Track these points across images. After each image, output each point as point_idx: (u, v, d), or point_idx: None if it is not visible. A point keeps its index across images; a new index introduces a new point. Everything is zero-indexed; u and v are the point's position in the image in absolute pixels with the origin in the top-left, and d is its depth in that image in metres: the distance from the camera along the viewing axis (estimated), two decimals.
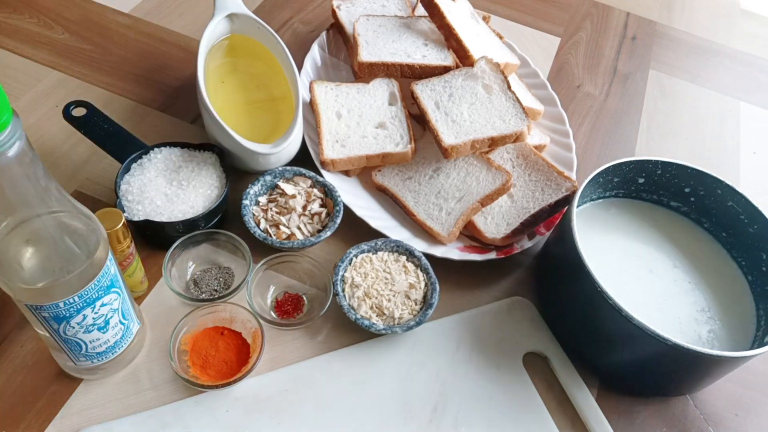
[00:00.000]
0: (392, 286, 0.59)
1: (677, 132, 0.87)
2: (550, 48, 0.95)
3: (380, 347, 0.57)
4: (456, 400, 0.55)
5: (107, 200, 0.65)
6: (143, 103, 0.76)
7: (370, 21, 0.77)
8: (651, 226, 0.66)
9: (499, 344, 0.59)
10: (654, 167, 0.63)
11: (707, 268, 0.63)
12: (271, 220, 0.62)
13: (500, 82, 0.70)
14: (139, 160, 0.62)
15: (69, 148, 0.69)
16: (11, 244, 0.38)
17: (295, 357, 0.56)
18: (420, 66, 0.72)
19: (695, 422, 0.58)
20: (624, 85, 0.92)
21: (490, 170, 0.66)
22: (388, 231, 0.63)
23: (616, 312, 0.50)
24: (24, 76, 0.76)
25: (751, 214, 0.60)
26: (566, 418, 0.56)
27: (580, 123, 0.84)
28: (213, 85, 0.69)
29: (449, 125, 0.66)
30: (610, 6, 1.05)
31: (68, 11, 0.85)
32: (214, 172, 0.62)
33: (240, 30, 0.73)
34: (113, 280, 0.45)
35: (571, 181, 0.66)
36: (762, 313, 0.59)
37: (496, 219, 0.66)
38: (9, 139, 0.33)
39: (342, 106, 0.70)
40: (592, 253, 0.53)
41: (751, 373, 0.61)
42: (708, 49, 1.01)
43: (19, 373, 0.53)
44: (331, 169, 0.67)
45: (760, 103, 0.93)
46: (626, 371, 0.57)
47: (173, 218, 0.58)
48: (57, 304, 0.41)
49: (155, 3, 0.89)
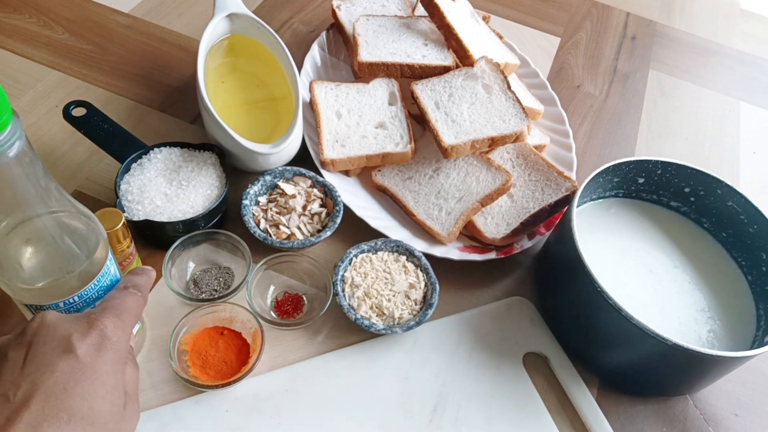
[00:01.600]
0: (392, 286, 0.59)
1: (677, 132, 0.87)
2: (550, 48, 0.95)
3: (380, 347, 0.57)
4: (456, 400, 0.55)
5: (107, 200, 0.65)
6: (143, 103, 0.76)
7: (370, 21, 0.77)
8: (651, 226, 0.66)
9: (499, 344, 0.59)
10: (654, 167, 0.63)
11: (707, 268, 0.63)
12: (271, 220, 0.62)
13: (500, 82, 0.70)
14: (139, 160, 0.62)
15: (69, 148, 0.69)
16: (11, 244, 0.38)
17: (295, 357, 0.56)
18: (420, 66, 0.72)
19: (695, 422, 0.58)
20: (624, 85, 0.92)
21: (490, 170, 0.66)
22: (388, 231, 0.63)
23: (616, 312, 0.50)
24: (24, 76, 0.76)
25: (751, 214, 0.60)
26: (566, 418, 0.56)
27: (580, 123, 0.85)
28: (213, 85, 0.69)
29: (449, 125, 0.66)
30: (610, 6, 1.05)
31: (68, 11, 0.85)
32: (214, 172, 0.62)
33: (240, 30, 0.73)
34: (113, 280, 0.45)
35: (571, 181, 0.66)
36: (762, 313, 0.59)
37: (496, 219, 0.66)
38: (9, 139, 0.33)
39: (342, 106, 0.70)
40: (592, 253, 0.53)
41: (751, 373, 0.61)
42: (708, 49, 1.01)
43: None
44: (331, 169, 0.67)
45: (760, 103, 0.93)
46: (626, 371, 0.57)
47: (173, 218, 0.58)
48: (57, 304, 0.41)
49: (155, 3, 0.89)
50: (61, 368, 0.32)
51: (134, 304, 0.38)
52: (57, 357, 0.32)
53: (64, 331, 0.34)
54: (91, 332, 0.34)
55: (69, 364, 0.32)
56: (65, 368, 0.32)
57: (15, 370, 0.32)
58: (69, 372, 0.32)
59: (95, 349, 0.34)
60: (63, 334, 0.34)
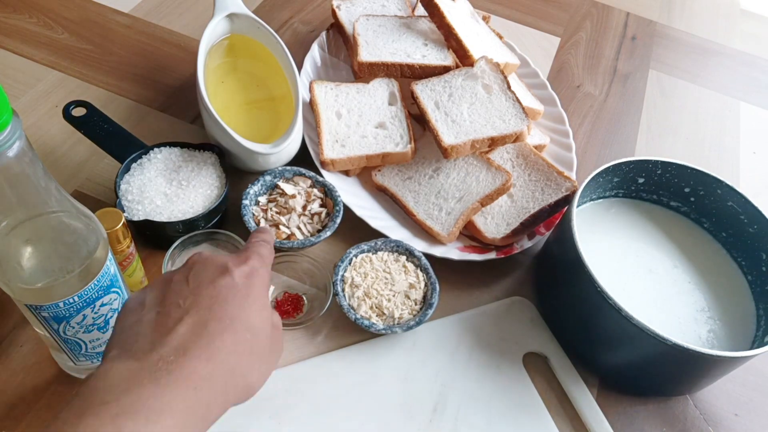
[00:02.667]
0: (392, 286, 0.59)
1: (677, 132, 0.87)
2: (550, 48, 0.95)
3: (380, 347, 0.57)
4: (456, 400, 0.55)
5: (107, 200, 0.65)
6: (143, 103, 0.76)
7: (370, 21, 0.77)
8: (651, 226, 0.66)
9: (499, 344, 0.59)
10: (654, 167, 0.63)
11: (707, 268, 0.63)
12: (271, 219, 0.62)
13: (500, 82, 0.70)
14: (138, 160, 0.62)
15: (69, 148, 0.69)
16: (11, 244, 0.38)
17: (295, 357, 0.56)
18: (420, 66, 0.72)
19: (695, 422, 0.58)
20: (624, 85, 0.92)
21: (490, 170, 0.66)
22: (388, 231, 0.63)
23: (616, 312, 0.50)
24: (24, 76, 0.76)
25: (751, 214, 0.60)
26: (566, 418, 0.56)
27: (580, 123, 0.85)
28: (213, 85, 0.69)
29: (449, 125, 0.66)
30: (610, 6, 1.05)
31: (68, 11, 0.85)
32: (214, 172, 0.62)
33: (240, 30, 0.73)
34: (113, 280, 0.45)
35: (571, 181, 0.66)
36: (762, 313, 0.59)
37: (496, 219, 0.66)
38: (9, 139, 0.33)
39: (342, 106, 0.70)
40: (592, 253, 0.53)
41: (751, 373, 0.61)
42: (708, 49, 1.01)
43: (19, 373, 0.53)
44: (331, 169, 0.67)
45: (760, 103, 0.93)
46: (626, 371, 0.57)
47: (173, 218, 0.58)
48: (57, 304, 0.41)
49: (155, 3, 0.89)
50: (221, 284, 0.37)
51: (268, 252, 0.43)
52: (216, 277, 0.37)
53: (220, 260, 0.39)
54: (242, 264, 0.39)
55: (227, 282, 0.37)
56: (224, 285, 0.37)
57: (182, 287, 0.37)
58: (227, 288, 0.37)
59: (246, 276, 0.38)
60: (220, 262, 0.39)
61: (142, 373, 0.32)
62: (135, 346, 0.34)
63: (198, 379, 0.33)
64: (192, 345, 0.34)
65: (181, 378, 0.32)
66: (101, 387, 0.31)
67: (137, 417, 0.30)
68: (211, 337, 0.34)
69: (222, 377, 0.34)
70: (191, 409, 0.32)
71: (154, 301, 0.37)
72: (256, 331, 0.37)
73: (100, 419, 0.29)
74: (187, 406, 0.32)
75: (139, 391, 0.31)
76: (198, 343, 0.34)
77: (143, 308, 0.36)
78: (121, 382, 0.31)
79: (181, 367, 0.32)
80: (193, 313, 0.35)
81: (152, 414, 0.30)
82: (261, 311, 0.38)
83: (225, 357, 0.34)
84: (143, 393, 0.31)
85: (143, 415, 0.30)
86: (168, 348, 0.33)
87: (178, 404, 0.31)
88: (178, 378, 0.32)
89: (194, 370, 0.33)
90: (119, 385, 0.31)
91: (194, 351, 0.33)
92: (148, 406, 0.30)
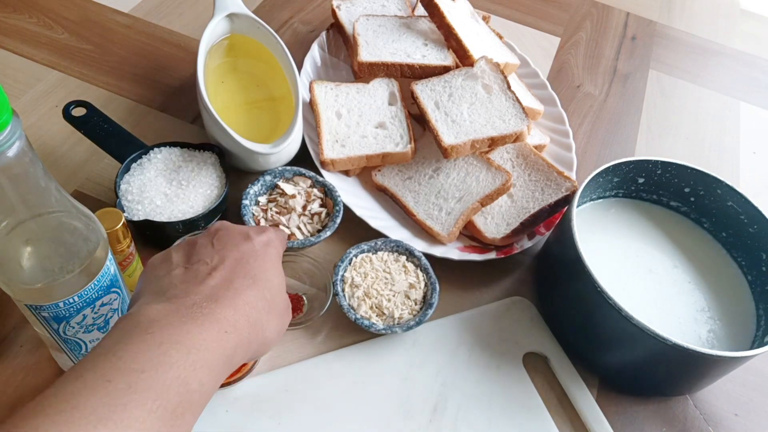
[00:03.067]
0: (392, 286, 0.59)
1: (677, 132, 0.87)
2: (550, 48, 0.95)
3: (380, 347, 0.57)
4: (456, 400, 0.55)
5: (107, 200, 0.65)
6: (143, 103, 0.76)
7: (370, 21, 0.77)
8: (651, 226, 0.66)
9: (499, 344, 0.59)
10: (654, 167, 0.63)
11: (707, 268, 0.63)
12: (271, 220, 0.62)
13: (500, 82, 0.70)
14: (138, 160, 0.62)
15: (69, 148, 0.69)
16: (11, 244, 0.38)
17: (295, 357, 0.56)
18: (420, 66, 0.72)
19: (695, 422, 0.58)
20: (624, 85, 0.92)
21: (490, 170, 0.66)
22: (388, 231, 0.63)
23: (616, 312, 0.50)
24: (24, 76, 0.76)
25: (751, 214, 0.60)
26: (566, 418, 0.56)
27: (580, 123, 0.85)
28: (213, 85, 0.69)
29: (449, 125, 0.66)
30: (610, 6, 1.05)
31: (68, 11, 0.85)
32: (214, 172, 0.62)
33: (240, 30, 0.73)
34: (113, 280, 0.45)
35: (571, 181, 0.66)
36: (762, 313, 0.59)
37: (496, 219, 0.66)
38: (9, 139, 0.33)
39: (342, 106, 0.70)
40: (592, 253, 0.53)
41: (751, 373, 0.61)
42: (708, 49, 1.01)
43: (19, 373, 0.53)
44: (331, 169, 0.67)
45: (760, 103, 0.93)
46: (626, 371, 0.57)
47: (173, 218, 0.58)
48: (57, 304, 0.41)
49: (155, 3, 0.89)
50: (243, 248, 0.41)
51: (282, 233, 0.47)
52: (239, 242, 0.41)
53: (242, 228, 0.43)
54: (261, 233, 0.43)
55: (249, 247, 0.41)
56: (246, 249, 0.41)
57: (207, 248, 0.41)
58: (249, 252, 0.41)
59: (265, 244, 0.42)
60: (242, 230, 0.43)
61: (180, 313, 0.35)
62: (168, 292, 0.37)
63: (228, 325, 0.36)
64: (221, 296, 0.37)
65: (214, 321, 0.35)
66: (143, 321, 0.34)
67: (180, 347, 0.33)
68: (237, 291, 0.38)
69: (246, 328, 0.37)
70: (222, 350, 0.35)
71: (181, 259, 0.40)
72: (274, 292, 0.41)
73: (147, 344, 0.32)
74: (219, 345, 0.35)
75: (180, 326, 0.34)
76: (226, 294, 0.37)
77: (170, 264, 0.40)
78: (162, 318, 0.34)
79: (213, 312, 0.36)
80: (220, 269, 0.39)
81: (193, 347, 0.33)
82: (278, 275, 0.42)
83: (249, 311, 0.38)
84: (183, 328, 0.34)
85: (185, 346, 0.33)
86: (201, 296, 0.36)
87: (212, 343, 0.34)
88: (212, 321, 0.35)
89: (225, 316, 0.36)
90: (160, 320, 0.34)
91: (224, 301, 0.37)
92: (189, 339, 0.33)
